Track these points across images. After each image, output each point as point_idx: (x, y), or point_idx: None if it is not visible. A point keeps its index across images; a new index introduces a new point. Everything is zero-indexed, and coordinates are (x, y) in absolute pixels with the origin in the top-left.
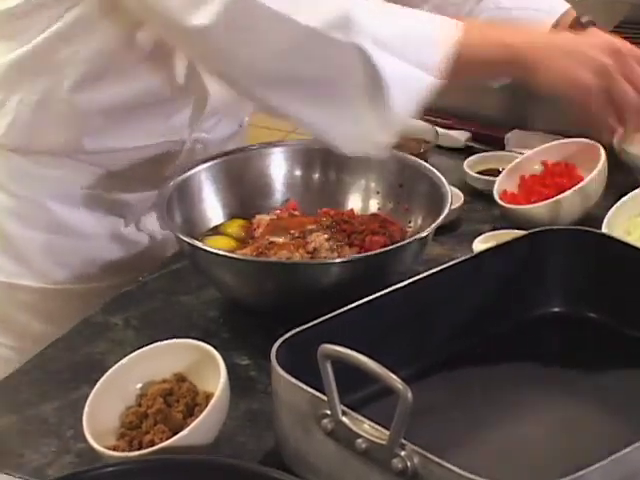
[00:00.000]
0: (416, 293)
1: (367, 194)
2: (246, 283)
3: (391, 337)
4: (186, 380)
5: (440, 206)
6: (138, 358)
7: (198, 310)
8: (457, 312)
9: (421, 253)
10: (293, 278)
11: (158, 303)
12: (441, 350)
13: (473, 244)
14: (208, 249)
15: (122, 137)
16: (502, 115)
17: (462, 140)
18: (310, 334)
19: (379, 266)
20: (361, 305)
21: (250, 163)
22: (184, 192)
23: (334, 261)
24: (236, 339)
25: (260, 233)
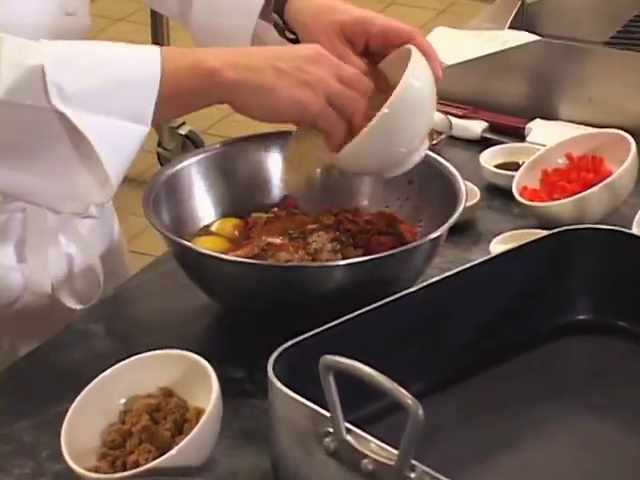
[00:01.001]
0: (427, 300)
1: (373, 190)
2: (240, 288)
3: (400, 348)
4: (174, 395)
5: (454, 204)
6: (121, 370)
7: (188, 317)
8: (472, 321)
9: (433, 255)
10: (292, 283)
11: (143, 310)
12: (454, 363)
13: (490, 245)
14: (199, 250)
15: None
16: (522, 103)
17: (478, 131)
18: (311, 344)
19: (386, 270)
20: (367, 313)
21: (245, 156)
22: (172, 188)
23: (337, 264)
24: (229, 349)
25: (256, 233)
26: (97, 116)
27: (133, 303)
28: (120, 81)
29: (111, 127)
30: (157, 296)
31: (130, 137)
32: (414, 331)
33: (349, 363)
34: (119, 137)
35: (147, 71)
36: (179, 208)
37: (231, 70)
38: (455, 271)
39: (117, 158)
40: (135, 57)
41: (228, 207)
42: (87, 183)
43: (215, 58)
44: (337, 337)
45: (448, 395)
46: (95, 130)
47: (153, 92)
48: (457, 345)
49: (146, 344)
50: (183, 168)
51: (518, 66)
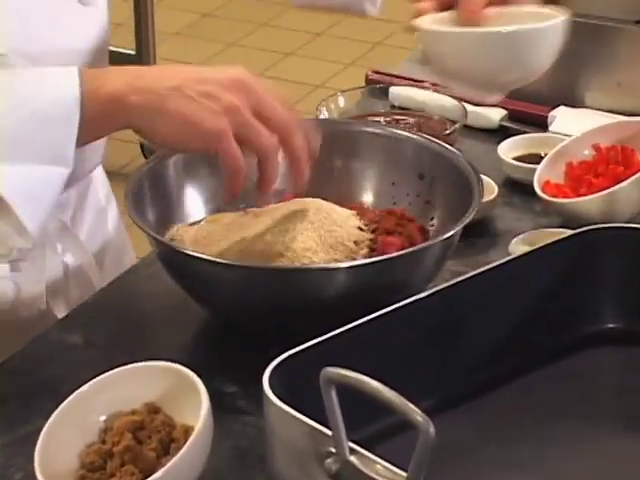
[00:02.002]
0: (439, 307)
1: (380, 185)
2: (233, 293)
3: (409, 360)
4: (160, 411)
5: (469, 200)
6: (101, 384)
7: (175, 326)
8: (489, 330)
9: (445, 257)
10: (290, 287)
11: (126, 317)
12: (469, 376)
13: (509, 246)
14: (187, 251)
15: None
16: (545, 88)
17: (496, 119)
18: (311, 355)
19: (394, 273)
20: (372, 321)
21: None
22: (158, 182)
23: (339, 266)
24: (221, 361)
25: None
26: (10, 165)
27: (114, 310)
28: (35, 121)
29: (27, 175)
30: (141, 302)
31: (50, 182)
32: (425, 341)
33: (353, 376)
34: (37, 185)
35: (65, 105)
36: (165, 204)
37: (135, 94)
38: (470, 275)
39: (35, 207)
40: (49, 89)
41: (220, 202)
42: (3, 232)
43: (121, 81)
44: (340, 348)
45: (462, 412)
46: (7, 181)
47: (73, 129)
48: (472, 357)
49: (128, 355)
50: (170, 160)
51: None
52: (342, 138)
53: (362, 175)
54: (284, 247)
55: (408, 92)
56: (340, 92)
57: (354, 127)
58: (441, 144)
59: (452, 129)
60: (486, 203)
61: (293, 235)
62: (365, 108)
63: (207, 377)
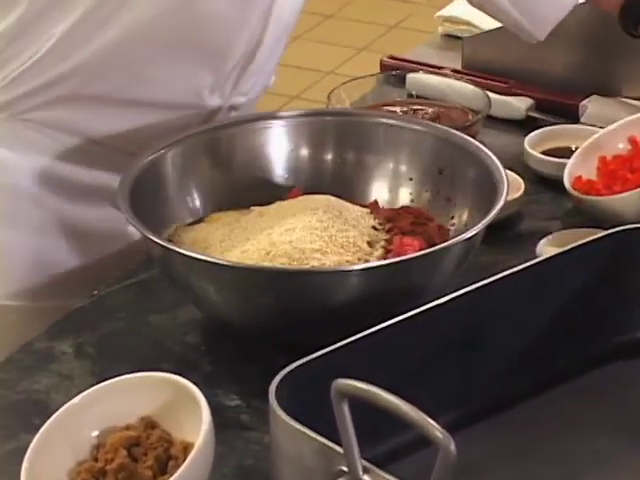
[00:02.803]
0: (460, 313)
1: (396, 181)
2: (236, 298)
3: (426, 371)
4: (157, 426)
5: (492, 197)
6: (94, 397)
7: (173, 334)
8: (513, 339)
9: (467, 260)
10: (297, 292)
11: (120, 325)
12: (492, 389)
13: (537, 247)
14: (185, 252)
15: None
16: (576, 76)
17: (522, 109)
18: (320, 366)
19: (411, 277)
20: (387, 329)
21: (241, 140)
22: (154, 177)
23: (351, 269)
24: (223, 372)
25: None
26: None
27: (106, 316)
28: None
29: None
30: (135, 307)
31: None
32: (443, 351)
33: (368, 389)
34: None
35: None
36: (162, 202)
37: None
38: (493, 279)
39: None
40: None
41: (221, 200)
42: None
43: None
44: (352, 358)
45: (484, 428)
46: None
47: None
48: (494, 369)
49: (123, 365)
50: (167, 153)
51: (571, 31)
52: (354, 130)
53: (376, 170)
54: (291, 248)
55: (427, 79)
56: (353, 79)
57: (367, 118)
58: (462, 136)
59: (474, 120)
60: (511, 201)
61: (301, 235)
62: (380, 97)
63: (208, 389)
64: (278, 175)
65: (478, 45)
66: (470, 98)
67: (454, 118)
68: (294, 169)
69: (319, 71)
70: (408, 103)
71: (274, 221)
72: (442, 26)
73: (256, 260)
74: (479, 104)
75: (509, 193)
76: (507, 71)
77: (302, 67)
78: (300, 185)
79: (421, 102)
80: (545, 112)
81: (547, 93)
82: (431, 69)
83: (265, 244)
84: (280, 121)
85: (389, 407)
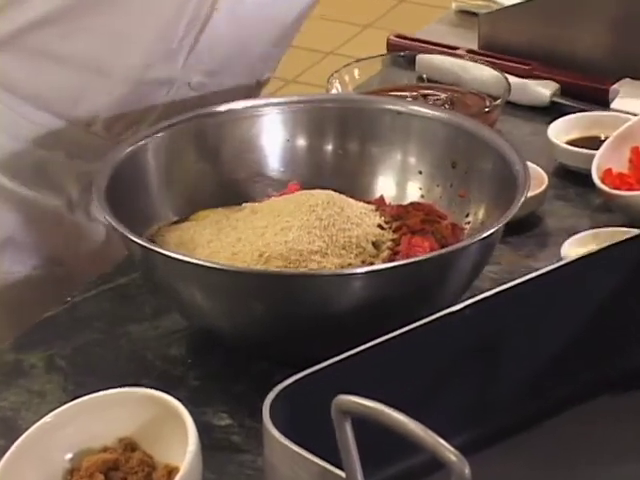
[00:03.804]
0: (475, 322)
1: (405, 174)
2: (225, 305)
3: (437, 387)
4: (138, 448)
5: (512, 192)
6: (67, 416)
7: (155, 345)
8: (535, 351)
9: (484, 262)
10: (294, 298)
11: (96, 335)
12: (510, 408)
13: (562, 248)
14: (169, 254)
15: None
16: (606, 57)
17: (546, 95)
18: (319, 381)
19: (421, 281)
20: (394, 339)
21: (231, 129)
22: (135, 170)
23: (354, 272)
24: (211, 388)
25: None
26: None
27: (81, 326)
28: None
29: None
30: (113, 316)
31: None
32: (457, 365)
33: (373, 406)
34: None
35: None
36: (143, 198)
37: None
38: (513, 284)
39: None
40: None
41: (209, 196)
42: None
43: None
44: (355, 372)
45: (502, 450)
46: None
47: None
48: (514, 384)
49: (99, 380)
50: (149, 144)
51: (602, 7)
52: (358, 118)
53: (382, 162)
54: (287, 249)
55: (439, 61)
56: (356, 61)
57: (373, 104)
58: (479, 125)
59: (492, 106)
60: (534, 196)
61: (298, 234)
62: (386, 81)
63: (194, 407)
64: (272, 168)
65: (497, 23)
66: (487, 82)
67: (469, 104)
68: (290, 161)
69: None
70: (418, 88)
71: (268, 219)
72: (456, 1)
73: (248, 263)
74: (498, 89)
75: (531, 188)
76: (529, 52)
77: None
78: (297, 179)
79: (433, 87)
80: (571, 97)
81: (574, 76)
82: (444, 49)
83: (258, 245)
84: (274, 108)
85: (396, 426)
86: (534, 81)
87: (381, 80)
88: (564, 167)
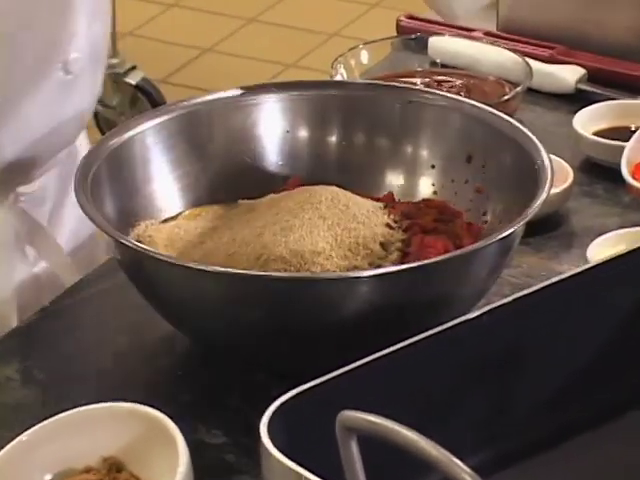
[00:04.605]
0: (494, 331)
1: (416, 169)
2: (219, 312)
3: (451, 403)
4: (124, 468)
5: (534, 188)
6: (46, 433)
7: (142, 356)
8: (558, 363)
9: (502, 265)
10: (295, 304)
11: (78, 345)
12: (532, 424)
13: (588, 250)
14: (157, 256)
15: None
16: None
17: (571, 81)
18: (322, 395)
19: (434, 285)
20: (404, 350)
21: (226, 119)
22: (119, 164)
23: (360, 276)
24: (204, 403)
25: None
26: None
27: (61, 334)
28: None
29: None
30: (97, 324)
31: None
32: (472, 378)
33: (381, 423)
34: None
35: None
36: (129, 194)
37: None
38: (534, 289)
39: None
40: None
41: (202, 192)
42: None
43: None
44: (361, 385)
45: (521, 471)
46: None
47: None
48: (536, 399)
49: (81, 394)
50: (135, 137)
51: None
52: (365, 106)
53: (391, 156)
54: (287, 250)
55: (454, 44)
56: (363, 44)
57: (381, 91)
58: (497, 114)
59: (512, 94)
60: (557, 193)
61: (299, 234)
62: (396, 66)
63: (185, 423)
64: (271, 162)
65: (517, 2)
66: (507, 67)
67: (487, 92)
68: (290, 154)
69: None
70: (431, 73)
71: (266, 218)
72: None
73: (244, 266)
74: (518, 75)
75: (554, 183)
76: (553, 34)
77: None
78: (298, 174)
79: (447, 72)
80: (599, 84)
81: (602, 61)
82: (459, 31)
83: (255, 246)
84: (273, 95)
85: (407, 444)
86: (558, 66)
87: (390, 65)
88: (591, 161)
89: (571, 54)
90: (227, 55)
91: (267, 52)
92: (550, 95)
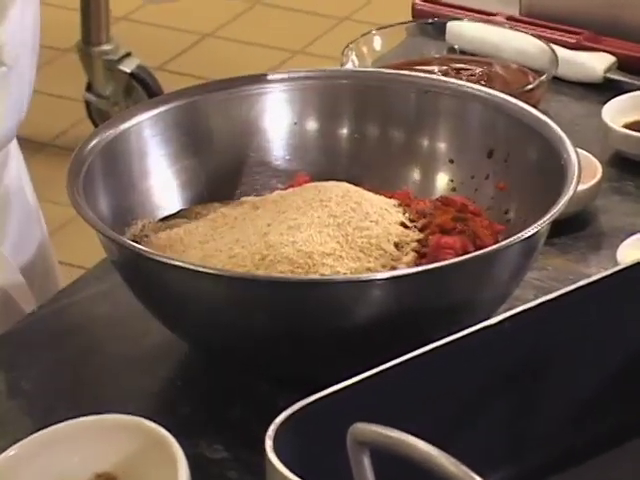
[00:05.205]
0: (516, 339)
1: (433, 164)
2: (221, 317)
3: (471, 415)
4: None
5: (560, 185)
6: (34, 448)
7: (138, 365)
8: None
9: (525, 267)
10: (303, 308)
11: (68, 353)
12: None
13: (618, 251)
14: (155, 257)
15: None
16: None
17: (600, 70)
18: (332, 407)
19: (451, 289)
20: (419, 358)
21: (229, 110)
22: (115, 159)
23: (373, 278)
24: (204, 415)
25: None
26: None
27: (50, 342)
28: None
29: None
30: (89, 331)
31: None
32: (491, 390)
33: (395, 436)
34: None
35: None
36: (125, 192)
37: None
38: (560, 293)
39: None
40: None
41: (202, 189)
42: None
43: None
44: (374, 396)
45: None
46: None
47: None
48: (560, 412)
49: (72, 406)
50: (130, 129)
51: None
52: (378, 96)
53: (407, 149)
54: (294, 251)
55: (473, 30)
56: (376, 29)
57: (395, 80)
58: (520, 105)
59: (537, 83)
60: (585, 190)
61: (308, 234)
62: (411, 52)
63: (185, 437)
64: (277, 156)
65: None
66: (531, 54)
67: (509, 81)
68: (298, 148)
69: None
70: (449, 61)
71: (272, 216)
72: None
73: (248, 267)
74: (542, 62)
75: (582, 180)
76: (580, 19)
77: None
78: (306, 169)
79: (466, 60)
80: (630, 73)
81: (633, 48)
82: (479, 16)
83: (260, 246)
84: (280, 84)
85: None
86: (586, 53)
87: (405, 52)
88: (621, 155)
89: (599, 40)
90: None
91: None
92: (577, 84)
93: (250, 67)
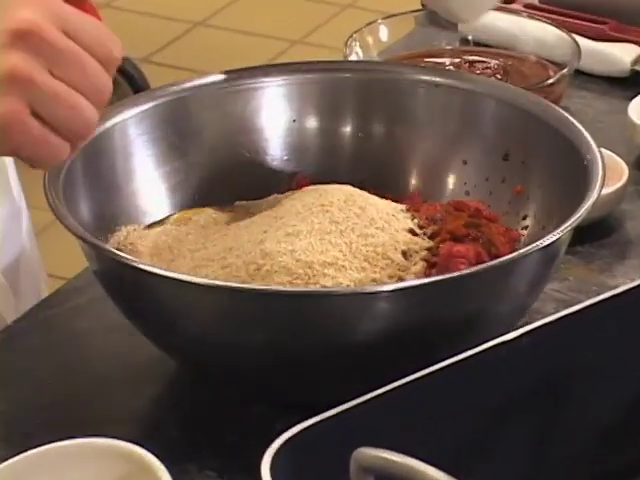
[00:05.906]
0: (535, 355)
1: (444, 165)
2: (213, 332)
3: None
4: None
5: (582, 188)
6: (11, 475)
7: (124, 383)
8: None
9: (545, 277)
10: (303, 322)
11: (46, 371)
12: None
13: None
14: (142, 266)
15: None
16: None
17: (627, 62)
18: (333, 429)
19: (464, 301)
20: (429, 377)
21: (222, 106)
22: (98, 159)
23: (379, 290)
24: (195, 439)
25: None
26: None
27: (25, 359)
28: None
29: None
30: (72, 347)
31: None
32: (507, 412)
33: (402, 462)
34: None
35: None
36: (108, 195)
37: None
38: (583, 306)
39: None
40: None
41: (193, 193)
42: None
43: None
44: (379, 418)
45: None
46: None
47: None
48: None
49: (50, 430)
50: (114, 127)
51: None
52: (384, 91)
53: (415, 149)
54: (293, 260)
55: (489, 19)
56: (382, 18)
57: (403, 74)
58: (539, 101)
59: (558, 77)
60: (610, 194)
61: (307, 242)
62: (421, 43)
63: (174, 462)
64: (274, 156)
65: None
66: (551, 45)
67: (528, 74)
68: (298, 148)
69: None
70: (462, 52)
71: (269, 222)
72: None
73: (243, 278)
74: (564, 54)
75: (606, 182)
76: (605, 7)
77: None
78: (306, 171)
79: (480, 51)
80: None
81: None
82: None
83: (255, 255)
84: (277, 78)
85: None
86: (611, 44)
87: (413, 43)
88: None
89: (626, 30)
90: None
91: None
92: (601, 79)
93: (245, 59)
